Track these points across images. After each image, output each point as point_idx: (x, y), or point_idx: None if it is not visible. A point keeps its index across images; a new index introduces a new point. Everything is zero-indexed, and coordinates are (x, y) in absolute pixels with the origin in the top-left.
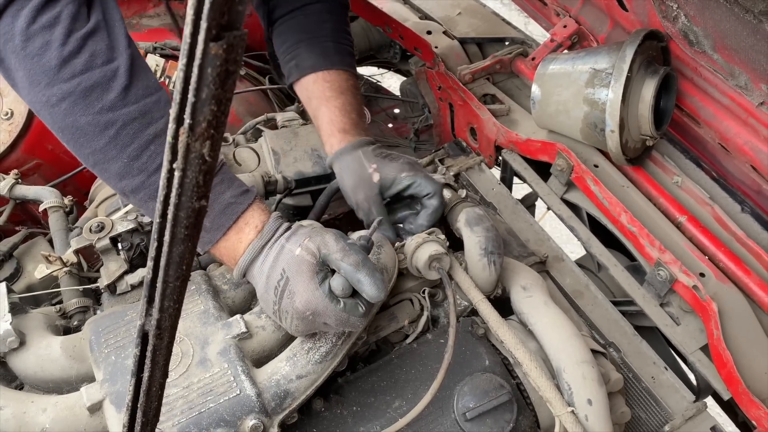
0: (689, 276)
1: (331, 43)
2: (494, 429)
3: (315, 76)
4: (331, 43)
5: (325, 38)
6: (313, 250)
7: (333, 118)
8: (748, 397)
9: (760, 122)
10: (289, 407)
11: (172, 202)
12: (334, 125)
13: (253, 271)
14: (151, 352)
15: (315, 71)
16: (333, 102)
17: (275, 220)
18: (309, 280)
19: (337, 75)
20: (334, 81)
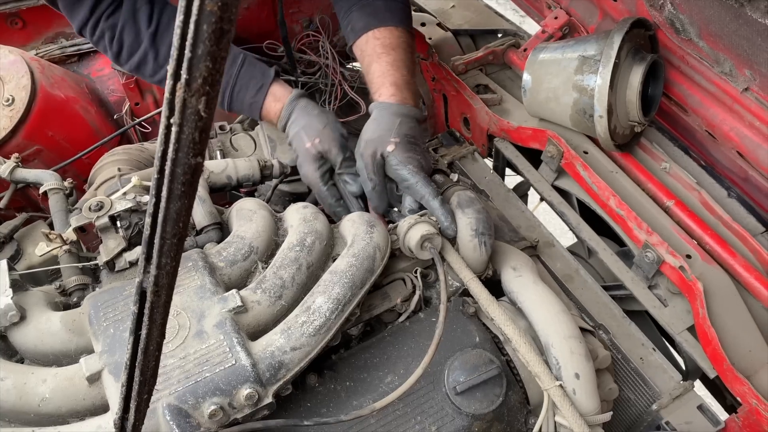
0: (676, 257)
1: (382, 1)
2: (484, 403)
3: (367, 36)
4: (381, 1)
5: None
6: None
7: (385, 71)
8: (732, 373)
9: (745, 108)
10: (284, 378)
11: (170, 158)
12: (386, 78)
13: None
14: (149, 310)
15: (366, 31)
16: (384, 57)
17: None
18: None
19: (388, 32)
20: (385, 38)
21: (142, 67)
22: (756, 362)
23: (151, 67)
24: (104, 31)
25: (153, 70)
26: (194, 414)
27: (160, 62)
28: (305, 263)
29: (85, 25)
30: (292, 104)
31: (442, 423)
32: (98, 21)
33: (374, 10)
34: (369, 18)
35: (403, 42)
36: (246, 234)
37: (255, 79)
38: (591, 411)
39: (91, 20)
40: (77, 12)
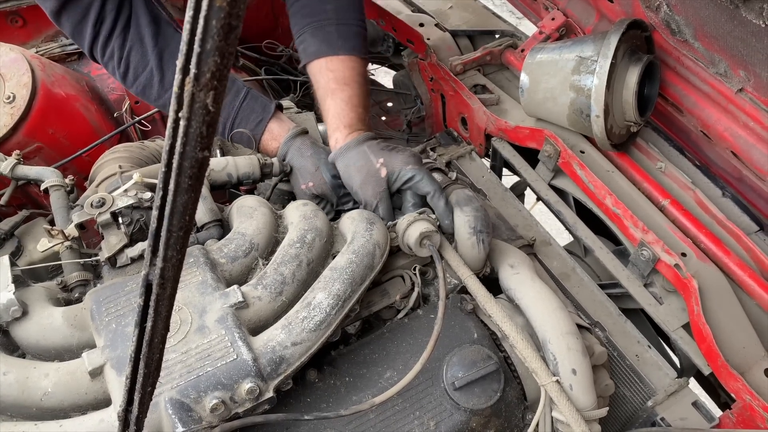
0: (671, 255)
1: (335, 26)
2: (482, 398)
3: (319, 64)
4: (334, 26)
5: (328, 22)
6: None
7: (339, 112)
8: (726, 370)
9: (739, 108)
10: (284, 373)
11: (177, 151)
12: (340, 120)
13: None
14: (155, 302)
15: (318, 58)
16: (339, 95)
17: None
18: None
19: (340, 63)
20: (338, 70)
21: (148, 90)
22: (750, 359)
23: (156, 90)
24: (113, 53)
25: (158, 93)
26: (196, 408)
27: (165, 86)
28: (305, 260)
29: (94, 46)
30: (287, 144)
31: (441, 418)
32: (106, 42)
33: (326, 36)
34: (321, 44)
35: (356, 74)
36: (247, 231)
37: (255, 114)
38: (587, 406)
39: (99, 41)
40: (82, 36)
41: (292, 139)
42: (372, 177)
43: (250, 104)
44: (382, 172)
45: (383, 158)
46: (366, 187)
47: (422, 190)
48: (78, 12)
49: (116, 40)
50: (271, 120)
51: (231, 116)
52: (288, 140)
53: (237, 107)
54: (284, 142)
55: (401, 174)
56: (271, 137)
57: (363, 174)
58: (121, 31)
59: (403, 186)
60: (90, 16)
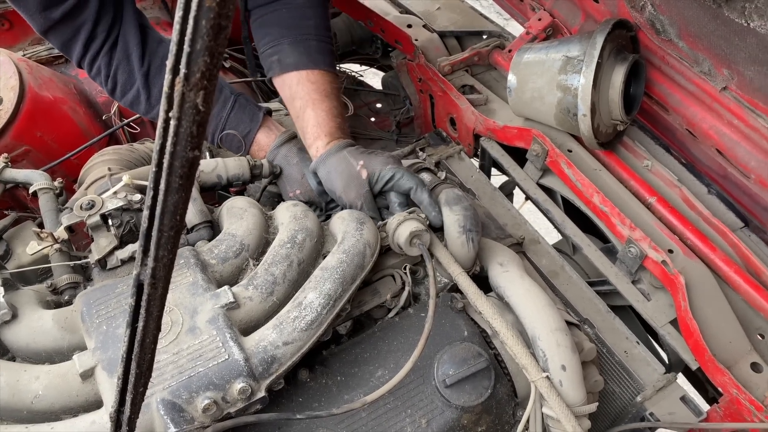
0: (658, 252)
1: (315, 41)
2: (473, 395)
3: (299, 76)
4: (314, 41)
5: (308, 36)
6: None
7: (320, 121)
8: (713, 364)
9: (723, 106)
10: (276, 372)
11: (168, 151)
12: (321, 129)
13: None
14: (146, 302)
15: (298, 70)
16: (320, 105)
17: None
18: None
19: (321, 76)
20: (319, 83)
21: (135, 106)
22: (736, 353)
23: (143, 106)
24: (100, 69)
25: (145, 109)
26: (188, 408)
27: (152, 102)
28: (296, 260)
29: (82, 61)
30: (273, 153)
31: (432, 416)
32: (94, 58)
33: (307, 50)
34: (301, 57)
35: (334, 88)
36: (237, 231)
37: (243, 124)
38: (577, 402)
39: (87, 57)
40: (72, 51)
41: (278, 148)
42: (353, 180)
43: (238, 115)
44: (362, 174)
45: (363, 161)
46: (348, 190)
47: (404, 187)
48: (68, 32)
49: (103, 58)
50: (259, 131)
51: (220, 126)
52: (274, 149)
53: (225, 118)
54: (270, 150)
55: (381, 174)
56: (258, 147)
57: (344, 178)
58: (109, 49)
59: (385, 186)
60: (80, 35)
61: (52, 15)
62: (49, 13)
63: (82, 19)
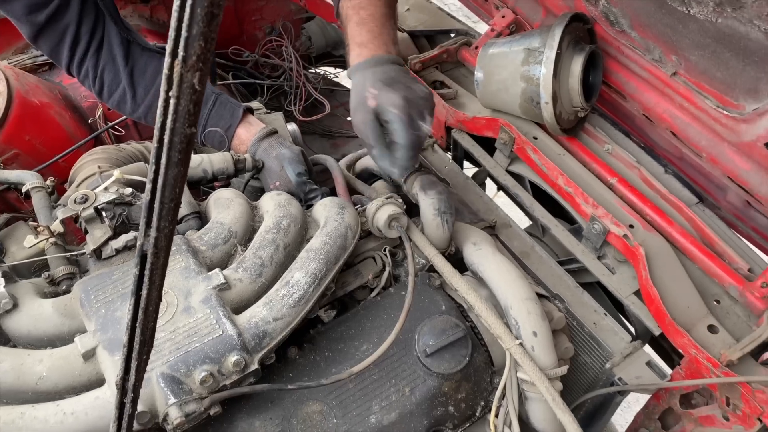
0: (620, 227)
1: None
2: (452, 363)
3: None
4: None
5: None
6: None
7: (352, 33)
8: (674, 327)
9: (675, 91)
10: (268, 346)
11: (168, 128)
12: (353, 40)
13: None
14: (149, 271)
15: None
16: (353, 18)
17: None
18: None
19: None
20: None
21: (122, 106)
22: (694, 317)
23: (129, 106)
24: (88, 71)
25: (131, 108)
26: (186, 381)
27: (137, 102)
28: (282, 244)
29: (70, 66)
30: (254, 147)
31: (415, 384)
32: (81, 60)
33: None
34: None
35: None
36: (225, 220)
37: (224, 120)
38: (549, 365)
39: (75, 60)
40: (60, 56)
41: (258, 142)
42: (362, 105)
43: (219, 111)
44: (370, 102)
45: (377, 90)
46: (356, 112)
47: (392, 136)
48: (55, 36)
49: (90, 59)
50: (239, 125)
51: (201, 125)
52: (255, 143)
53: (206, 115)
54: (251, 144)
55: (384, 113)
56: (239, 143)
57: (357, 99)
58: (95, 51)
59: (384, 123)
60: (66, 39)
61: (37, 18)
62: (35, 17)
63: (65, 21)
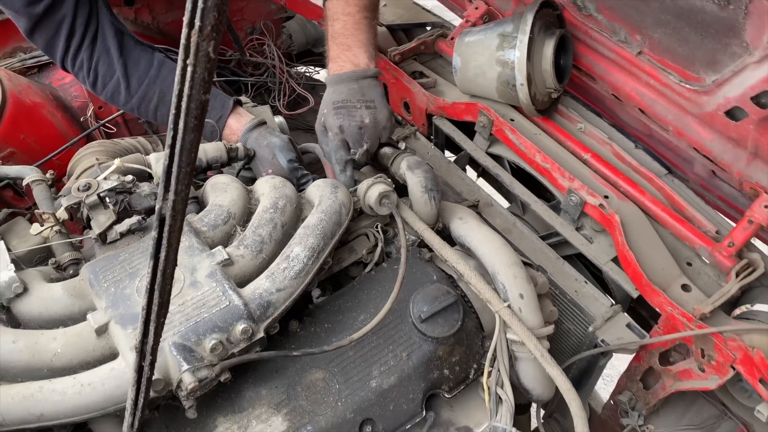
0: (595, 197)
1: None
2: (445, 327)
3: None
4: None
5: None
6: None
7: (327, 46)
8: (650, 287)
9: (641, 69)
10: (272, 315)
11: (185, 94)
12: (327, 53)
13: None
14: (168, 233)
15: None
16: (329, 30)
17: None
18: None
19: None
20: (328, 9)
21: (116, 97)
22: (668, 277)
23: (123, 97)
24: (83, 63)
25: (125, 99)
26: (197, 349)
27: (131, 93)
28: (280, 222)
29: (65, 58)
30: (245, 136)
31: (412, 349)
32: (76, 52)
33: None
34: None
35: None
36: (223, 202)
37: (215, 111)
38: (536, 325)
39: (69, 53)
40: (55, 49)
41: (249, 132)
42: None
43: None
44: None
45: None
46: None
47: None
48: (51, 28)
49: (85, 51)
50: (230, 116)
51: None
52: (245, 132)
53: None
54: (242, 134)
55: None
56: (230, 132)
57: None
58: (90, 43)
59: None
60: (62, 31)
61: (35, 10)
62: (32, 9)
63: (61, 13)
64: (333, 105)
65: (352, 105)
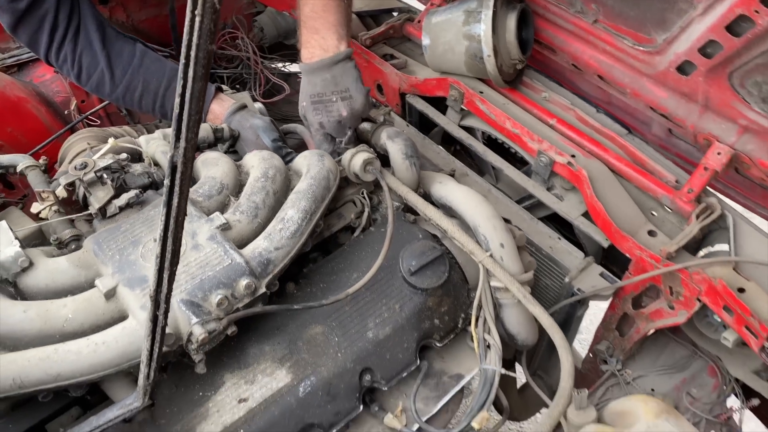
0: (563, 155)
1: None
2: (433, 278)
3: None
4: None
5: None
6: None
7: (299, 32)
8: (619, 234)
9: (597, 37)
10: (272, 272)
11: (194, 44)
12: (299, 39)
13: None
14: (180, 180)
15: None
16: (300, 16)
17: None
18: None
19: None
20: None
21: (101, 87)
22: (635, 225)
23: (108, 87)
24: (66, 56)
25: (110, 89)
26: (204, 304)
27: (116, 82)
28: (271, 190)
29: (49, 52)
30: (229, 120)
31: (404, 302)
32: (60, 46)
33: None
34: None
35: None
36: (216, 174)
37: None
38: (517, 272)
39: (53, 47)
40: (38, 44)
41: (232, 115)
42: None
43: None
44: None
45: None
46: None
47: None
48: (34, 23)
49: (68, 44)
50: (213, 101)
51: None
52: (229, 116)
53: None
54: (225, 117)
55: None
56: (213, 117)
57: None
58: (73, 36)
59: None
60: (45, 25)
61: (19, 6)
62: (16, 5)
63: (44, 8)
64: (310, 99)
65: (327, 99)
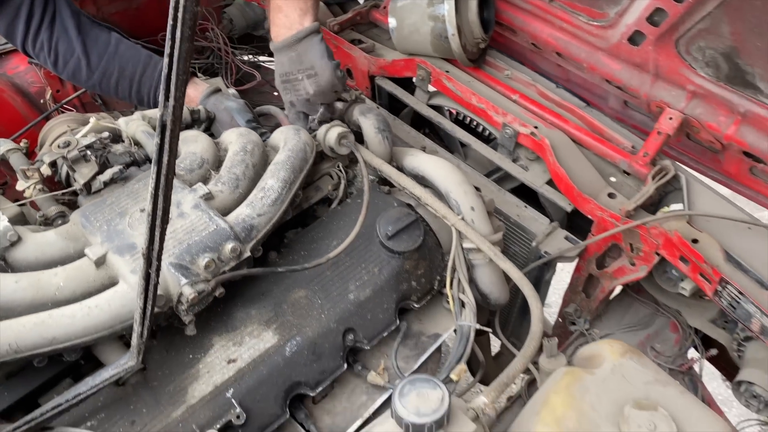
0: (527, 127)
1: None
2: (409, 242)
3: None
4: None
5: None
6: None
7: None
8: (581, 197)
9: (554, 16)
10: (256, 237)
11: (181, 6)
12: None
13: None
14: (169, 138)
15: None
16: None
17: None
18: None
19: None
20: None
21: (77, 74)
22: (596, 188)
23: (84, 73)
24: (43, 44)
25: (86, 76)
26: (192, 267)
27: (92, 69)
28: (251, 163)
29: (26, 41)
30: (203, 103)
31: (382, 265)
32: (36, 33)
33: None
34: None
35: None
36: (196, 150)
37: None
38: (488, 233)
39: (30, 35)
40: (15, 33)
41: (206, 98)
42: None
43: None
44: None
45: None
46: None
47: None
48: (10, 12)
49: (45, 32)
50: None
51: (153, 86)
52: (203, 99)
53: (156, 77)
54: (200, 100)
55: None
56: (188, 101)
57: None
58: (48, 24)
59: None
60: (21, 14)
61: None
62: None
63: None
64: (280, 79)
65: (294, 78)
